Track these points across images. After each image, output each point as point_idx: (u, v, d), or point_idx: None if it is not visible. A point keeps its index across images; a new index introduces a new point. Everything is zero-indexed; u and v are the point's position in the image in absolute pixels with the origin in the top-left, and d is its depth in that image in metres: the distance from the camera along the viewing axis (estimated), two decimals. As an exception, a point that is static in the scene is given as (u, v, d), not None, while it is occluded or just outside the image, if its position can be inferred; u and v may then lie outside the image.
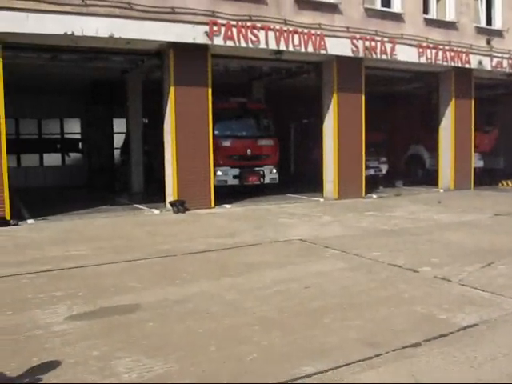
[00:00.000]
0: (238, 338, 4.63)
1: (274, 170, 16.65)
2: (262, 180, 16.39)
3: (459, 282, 6.31)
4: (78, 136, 23.85)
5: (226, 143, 15.73)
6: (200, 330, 4.80)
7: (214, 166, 14.75)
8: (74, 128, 23.88)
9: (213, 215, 12.81)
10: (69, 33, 11.44)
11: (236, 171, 15.83)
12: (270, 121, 17.16)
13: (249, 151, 16.11)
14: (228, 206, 14.11)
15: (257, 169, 16.27)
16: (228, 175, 15.67)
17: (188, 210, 13.11)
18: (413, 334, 4.59)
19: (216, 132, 15.23)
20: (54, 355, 4.23)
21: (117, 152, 22.54)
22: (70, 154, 23.76)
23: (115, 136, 22.53)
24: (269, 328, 4.84)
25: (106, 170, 21.39)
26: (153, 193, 16.22)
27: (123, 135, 20.81)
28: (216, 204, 13.84)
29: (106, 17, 11.84)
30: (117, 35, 11.95)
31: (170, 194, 13.49)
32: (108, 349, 4.37)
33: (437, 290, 6.03)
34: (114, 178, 20.10)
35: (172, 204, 13.10)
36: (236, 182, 15.91)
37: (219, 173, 15.38)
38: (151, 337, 4.64)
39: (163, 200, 13.78)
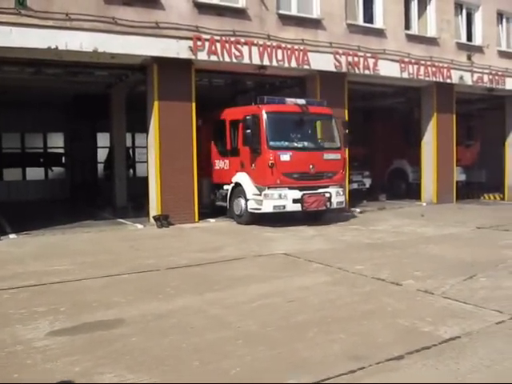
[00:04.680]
0: (221, 352, 4.60)
1: (341, 192, 13.52)
2: (328, 205, 13.05)
3: (442, 294, 6.35)
4: (62, 150, 23.68)
5: (285, 157, 12.50)
6: (184, 345, 4.77)
7: (266, 186, 12.51)
8: (57, 142, 23.73)
9: (197, 230, 12.76)
10: (53, 47, 11.40)
11: (297, 194, 12.53)
12: (337, 128, 13.84)
13: (311, 167, 12.84)
14: (212, 220, 14.05)
15: (321, 190, 12.97)
16: (287, 199, 12.44)
17: (172, 224, 13.06)
18: (396, 347, 4.60)
19: (271, 143, 12.50)
20: (35, 371, 4.18)
21: (100, 166, 22.44)
22: (53, 168, 23.61)
23: (99, 150, 22.46)
24: (253, 342, 4.83)
25: (90, 184, 21.26)
26: (136, 207, 16.06)
27: (107, 149, 20.73)
28: (200, 218, 13.79)
29: (90, 31, 11.83)
30: (101, 50, 11.95)
31: (154, 208, 13.42)
32: (90, 364, 4.33)
33: (420, 303, 6.07)
34: (97, 193, 19.95)
35: (156, 218, 13.02)
36: (297, 207, 12.59)
37: (275, 196, 12.40)
38: (134, 352, 4.60)
39: (147, 214, 13.72)
